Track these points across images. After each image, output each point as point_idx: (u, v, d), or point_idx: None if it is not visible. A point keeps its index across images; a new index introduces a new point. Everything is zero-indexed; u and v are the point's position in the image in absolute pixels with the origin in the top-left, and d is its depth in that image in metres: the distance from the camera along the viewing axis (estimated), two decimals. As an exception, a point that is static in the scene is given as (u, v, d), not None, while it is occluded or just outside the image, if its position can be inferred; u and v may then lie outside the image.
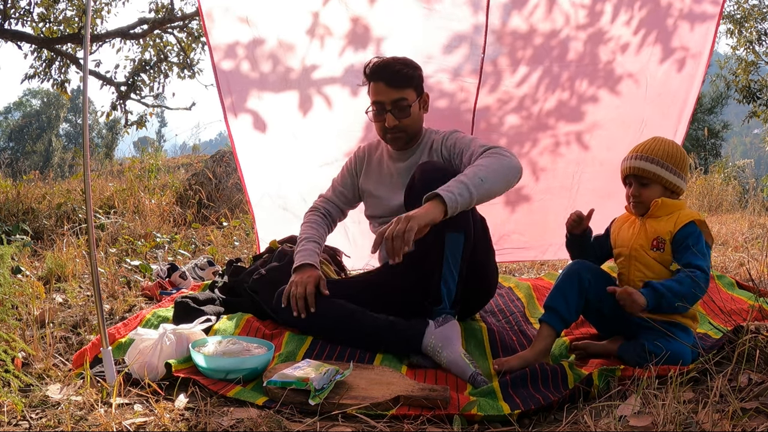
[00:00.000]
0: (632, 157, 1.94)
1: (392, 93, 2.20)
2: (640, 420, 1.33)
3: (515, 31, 3.01)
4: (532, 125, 3.26)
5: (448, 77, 3.11)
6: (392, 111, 2.22)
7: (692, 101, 3.15)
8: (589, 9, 2.96)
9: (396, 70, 2.21)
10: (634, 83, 3.13)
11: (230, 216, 5.22)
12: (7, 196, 5.24)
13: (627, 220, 2.03)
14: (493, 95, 3.18)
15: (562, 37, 3.03)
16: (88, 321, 2.34)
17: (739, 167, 7.82)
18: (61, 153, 29.85)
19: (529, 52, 3.08)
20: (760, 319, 1.97)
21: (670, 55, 3.07)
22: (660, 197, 1.90)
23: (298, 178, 3.20)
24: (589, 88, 3.17)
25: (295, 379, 1.57)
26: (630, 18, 2.98)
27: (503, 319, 2.48)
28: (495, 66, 3.09)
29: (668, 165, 1.90)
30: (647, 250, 1.89)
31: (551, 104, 3.20)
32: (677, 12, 2.96)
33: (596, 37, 3.03)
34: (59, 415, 1.43)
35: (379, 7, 2.89)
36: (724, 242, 4.15)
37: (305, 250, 2.27)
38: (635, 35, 3.02)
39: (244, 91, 3.01)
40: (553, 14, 2.96)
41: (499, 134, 3.30)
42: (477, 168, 1.96)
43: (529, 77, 3.15)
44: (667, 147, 1.92)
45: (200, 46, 8.54)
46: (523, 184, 3.37)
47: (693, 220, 1.86)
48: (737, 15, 11.86)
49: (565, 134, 3.28)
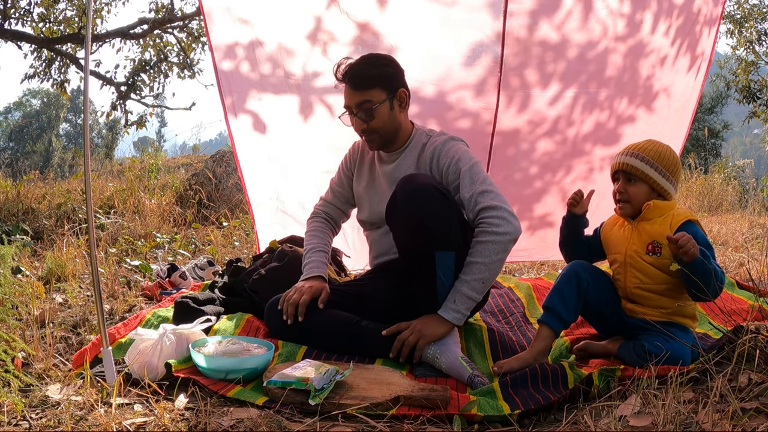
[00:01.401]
0: (623, 154, 1.93)
1: (356, 96, 2.11)
2: (640, 420, 1.33)
3: (545, 41, 2.74)
4: (566, 151, 2.99)
5: (471, 94, 2.86)
6: (358, 114, 2.12)
7: (695, 103, 3.08)
8: (628, 18, 2.68)
9: (357, 72, 2.10)
10: (666, 98, 2.91)
11: (230, 216, 5.22)
12: (7, 196, 5.25)
13: (616, 224, 2.01)
14: (523, 116, 2.90)
15: (600, 50, 2.75)
16: (88, 321, 2.34)
17: (739, 167, 7.82)
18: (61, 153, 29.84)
19: (561, 66, 2.81)
20: (760, 319, 1.97)
21: (694, 63, 2.88)
22: (646, 197, 1.88)
23: (298, 180, 3.17)
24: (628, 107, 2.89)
25: (295, 379, 1.57)
26: (668, 27, 2.75)
27: (503, 319, 2.48)
28: (522, 80, 2.81)
29: (658, 166, 1.87)
30: (642, 255, 1.87)
31: (588, 127, 2.91)
32: (703, 18, 2.79)
33: (637, 50, 2.76)
34: (59, 415, 1.43)
35: (391, 13, 2.72)
36: (724, 242, 4.15)
37: (312, 262, 2.21)
38: (672, 46, 2.79)
39: (244, 92, 2.98)
40: (590, 23, 2.68)
41: (530, 161, 3.02)
42: (478, 269, 1.92)
43: (563, 95, 2.87)
44: (660, 149, 1.90)
45: (200, 46, 8.55)
46: (550, 211, 3.19)
47: (689, 219, 1.83)
48: (737, 15, 11.86)
49: (600, 159, 3.02)
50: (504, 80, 2.86)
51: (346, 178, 2.42)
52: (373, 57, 2.19)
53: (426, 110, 2.95)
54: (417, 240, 1.92)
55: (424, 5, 2.74)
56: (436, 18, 2.75)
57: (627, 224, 1.95)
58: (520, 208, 3.13)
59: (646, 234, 1.87)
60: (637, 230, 1.90)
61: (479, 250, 1.94)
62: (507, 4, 2.69)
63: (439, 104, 2.96)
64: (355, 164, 2.39)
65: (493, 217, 1.94)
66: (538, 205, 3.23)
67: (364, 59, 2.16)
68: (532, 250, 3.40)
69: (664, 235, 1.78)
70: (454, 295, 1.94)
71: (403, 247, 2.00)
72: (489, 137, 2.99)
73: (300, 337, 2.03)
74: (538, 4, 2.69)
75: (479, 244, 1.95)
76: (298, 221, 3.24)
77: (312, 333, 2.02)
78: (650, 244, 1.86)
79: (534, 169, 3.07)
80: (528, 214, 3.24)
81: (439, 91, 2.93)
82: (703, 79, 3.02)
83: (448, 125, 3.02)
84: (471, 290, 1.93)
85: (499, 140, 3.03)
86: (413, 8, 2.74)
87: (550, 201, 3.22)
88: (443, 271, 1.94)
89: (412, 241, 1.94)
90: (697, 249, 1.67)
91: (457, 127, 3.00)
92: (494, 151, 3.05)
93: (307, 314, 2.03)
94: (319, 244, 2.30)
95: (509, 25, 2.72)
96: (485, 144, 3.01)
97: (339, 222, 2.48)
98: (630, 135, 2.98)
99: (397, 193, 1.95)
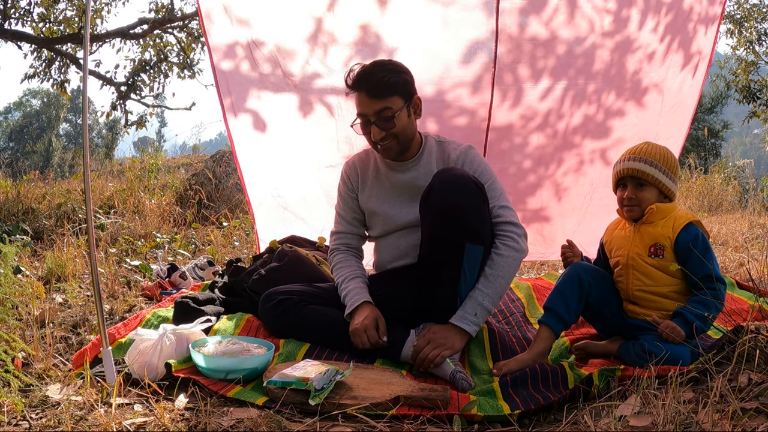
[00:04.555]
0: (628, 159, 1.91)
1: (375, 104, 2.05)
2: (640, 420, 1.33)
3: (535, 37, 2.79)
4: (557, 144, 3.05)
5: (468, 91, 2.90)
6: (377, 122, 2.07)
7: (695, 103, 3.08)
8: (614, 15, 2.73)
9: (377, 80, 2.04)
10: (658, 94, 2.94)
11: (230, 216, 5.22)
12: (7, 196, 5.25)
13: (618, 226, 2.01)
14: (516, 110, 2.96)
15: (587, 46, 2.80)
16: (88, 321, 2.34)
17: (739, 167, 7.82)
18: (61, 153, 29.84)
19: (551, 62, 2.85)
20: (760, 319, 1.97)
21: (689, 61, 2.89)
22: (655, 201, 1.88)
23: (299, 178, 3.18)
24: (616, 101, 2.93)
25: (295, 379, 1.57)
26: (657, 24, 2.78)
27: (503, 319, 2.48)
28: (515, 75, 2.86)
29: (664, 168, 1.88)
30: (645, 257, 1.87)
31: (577, 120, 2.97)
32: (696, 16, 2.81)
33: (624, 46, 2.81)
34: (59, 415, 1.43)
35: (391, 14, 2.73)
36: (724, 242, 4.15)
37: (353, 290, 2.09)
38: (661, 42, 2.82)
39: (243, 91, 2.98)
40: (576, 20, 2.74)
41: (523, 155, 3.08)
42: (499, 283, 1.96)
43: (553, 90, 2.92)
44: (662, 151, 1.90)
45: (200, 46, 8.54)
46: (546, 205, 3.23)
47: (691, 221, 1.84)
48: (737, 15, 11.85)
49: (591, 152, 3.07)
50: (498, 76, 2.90)
51: (351, 200, 2.32)
52: (388, 64, 2.14)
53: (425, 109, 2.94)
54: (450, 227, 1.91)
55: (423, 6, 2.75)
56: (434, 18, 2.77)
57: (629, 227, 1.95)
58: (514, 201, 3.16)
59: (648, 236, 1.87)
60: (639, 233, 1.90)
61: (501, 264, 1.97)
62: (498, 1, 2.71)
63: (437, 103, 2.98)
64: (357, 183, 2.31)
65: (514, 233, 2.02)
66: (533, 198, 3.27)
67: (379, 67, 2.10)
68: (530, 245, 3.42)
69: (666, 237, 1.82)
70: (475, 307, 1.94)
71: (434, 235, 1.96)
72: (484, 133, 3.03)
73: (297, 333, 2.04)
74: (527, 1, 2.72)
75: (501, 257, 1.98)
76: (299, 217, 3.24)
77: (302, 328, 2.04)
78: (652, 246, 1.86)
79: (527, 163, 3.11)
80: (522, 207, 3.28)
81: (438, 90, 2.95)
82: (702, 78, 3.02)
83: (446, 123, 3.03)
84: (491, 304, 1.96)
85: (493, 135, 3.06)
86: (413, 9, 2.75)
87: (544, 195, 3.25)
88: (470, 264, 1.93)
89: (444, 228, 1.92)
90: (681, 333, 1.73)
91: (455, 124, 3.01)
92: (489, 146, 3.09)
93: (304, 310, 2.06)
94: (351, 272, 2.17)
95: (501, 22, 2.77)
96: (480, 139, 3.04)
97: (360, 248, 2.36)
98: (620, 128, 3.01)
99: (435, 182, 1.97)
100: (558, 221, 3.31)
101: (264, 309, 2.12)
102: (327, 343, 2.01)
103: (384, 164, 2.25)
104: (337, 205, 2.37)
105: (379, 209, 2.24)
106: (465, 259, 1.92)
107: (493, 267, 1.97)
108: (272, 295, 2.12)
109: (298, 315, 2.06)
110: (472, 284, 1.96)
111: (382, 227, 2.26)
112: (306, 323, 2.05)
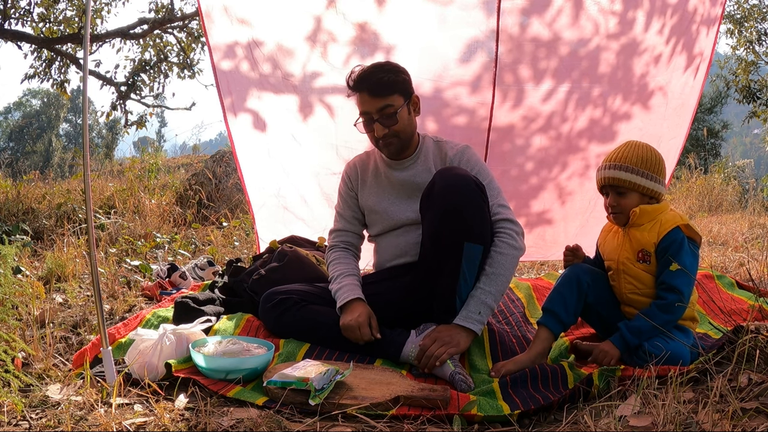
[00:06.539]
0: (606, 167, 1.90)
1: (377, 102, 2.14)
2: (640, 420, 1.33)
3: (536, 38, 2.77)
4: (561, 147, 3.02)
5: (467, 90, 2.89)
6: (380, 120, 2.15)
7: (695, 103, 3.07)
8: (620, 17, 2.70)
9: (377, 79, 2.13)
10: (663, 96, 2.91)
11: (230, 216, 5.22)
12: (7, 196, 5.25)
13: (611, 230, 2.02)
14: (518, 111, 2.94)
15: (592, 48, 2.77)
16: (88, 321, 2.34)
17: (739, 167, 7.82)
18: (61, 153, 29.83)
19: (553, 63, 2.82)
20: (760, 319, 1.97)
21: (691, 63, 2.87)
22: (639, 204, 1.87)
23: (299, 178, 3.18)
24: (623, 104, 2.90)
25: (295, 379, 1.57)
26: (662, 26, 2.75)
27: (503, 319, 2.48)
28: (516, 76, 2.85)
29: (643, 171, 1.86)
30: (634, 262, 1.88)
31: (582, 124, 2.94)
32: (700, 17, 2.78)
33: (630, 48, 2.78)
34: (59, 415, 1.43)
35: (389, 12, 2.74)
36: (724, 242, 4.15)
37: (345, 286, 2.11)
38: (667, 45, 2.79)
39: (243, 91, 2.98)
40: (581, 21, 2.71)
41: (526, 157, 3.05)
42: (500, 281, 1.98)
43: (556, 92, 2.89)
44: (641, 152, 1.87)
45: (200, 46, 8.54)
46: (548, 208, 3.21)
47: (677, 225, 1.82)
48: (737, 15, 11.85)
49: (597, 156, 3.03)
50: (499, 76, 2.89)
51: (351, 199, 2.37)
52: (386, 65, 2.24)
53: (423, 107, 2.94)
54: (450, 226, 1.92)
55: (421, 4, 2.76)
56: (432, 16, 2.78)
57: (619, 231, 1.95)
58: (516, 204, 3.14)
59: (636, 242, 1.87)
60: (628, 237, 1.90)
61: (501, 262, 1.99)
62: (500, 1, 2.70)
63: (436, 101, 2.97)
64: (357, 183, 2.37)
65: (513, 231, 2.05)
66: (535, 201, 3.24)
67: (378, 68, 2.19)
68: (532, 248, 3.40)
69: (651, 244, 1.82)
70: (478, 306, 1.95)
71: (434, 234, 1.98)
72: (485, 133, 3.01)
73: (297, 333, 2.05)
74: (528, 2, 2.72)
75: (501, 255, 2.00)
76: (299, 217, 3.24)
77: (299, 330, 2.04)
78: (640, 251, 1.87)
79: (530, 165, 3.09)
80: (525, 210, 3.24)
81: (436, 88, 2.95)
82: (703, 79, 3.01)
83: (445, 122, 3.03)
84: (494, 302, 1.97)
85: (494, 136, 3.04)
86: (410, 7, 2.76)
87: (547, 198, 3.23)
88: (468, 264, 1.94)
89: (444, 227, 1.93)
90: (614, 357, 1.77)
91: (454, 123, 3.00)
92: (490, 147, 3.07)
93: (305, 310, 2.06)
94: (346, 269, 2.20)
95: (502, 22, 2.76)
96: (482, 140, 3.03)
97: (359, 247, 2.39)
98: (626, 132, 2.98)
99: (436, 181, 2.00)
100: (560, 224, 3.30)
101: (264, 309, 2.13)
102: (327, 343, 2.01)
103: (383, 163, 2.31)
104: (337, 205, 2.43)
105: (378, 207, 2.29)
106: (464, 259, 1.93)
107: (494, 265, 1.98)
108: (272, 295, 2.12)
109: (298, 315, 2.06)
110: (471, 283, 1.97)
111: (381, 225, 2.30)
112: (306, 323, 2.05)
